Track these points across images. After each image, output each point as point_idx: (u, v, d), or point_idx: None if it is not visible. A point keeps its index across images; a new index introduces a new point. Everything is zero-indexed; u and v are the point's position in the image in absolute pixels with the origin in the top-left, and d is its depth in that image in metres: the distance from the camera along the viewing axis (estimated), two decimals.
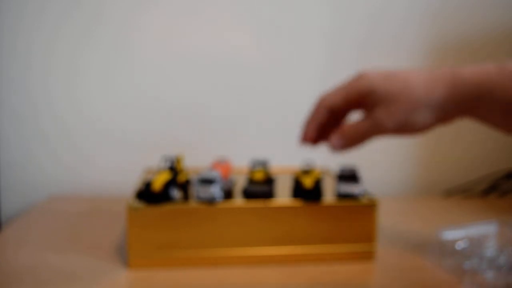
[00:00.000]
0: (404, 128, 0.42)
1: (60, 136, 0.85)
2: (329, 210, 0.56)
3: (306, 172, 0.62)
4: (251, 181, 0.59)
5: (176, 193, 0.56)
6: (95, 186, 0.86)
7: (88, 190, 0.86)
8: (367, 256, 0.57)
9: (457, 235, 0.61)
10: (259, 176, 0.60)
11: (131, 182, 0.79)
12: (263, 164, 0.65)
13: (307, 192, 0.56)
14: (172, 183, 0.56)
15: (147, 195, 0.54)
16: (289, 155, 0.80)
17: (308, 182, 0.57)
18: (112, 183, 0.86)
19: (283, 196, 0.58)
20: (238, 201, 0.56)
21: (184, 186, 0.60)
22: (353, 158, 0.85)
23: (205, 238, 0.54)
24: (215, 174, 0.56)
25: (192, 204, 0.54)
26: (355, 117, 0.46)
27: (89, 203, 0.79)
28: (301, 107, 0.83)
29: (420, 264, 0.57)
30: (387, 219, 0.68)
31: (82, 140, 0.86)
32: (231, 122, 0.88)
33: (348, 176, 0.58)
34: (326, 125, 0.47)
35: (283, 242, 0.56)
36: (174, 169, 0.61)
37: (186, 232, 0.54)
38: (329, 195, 0.59)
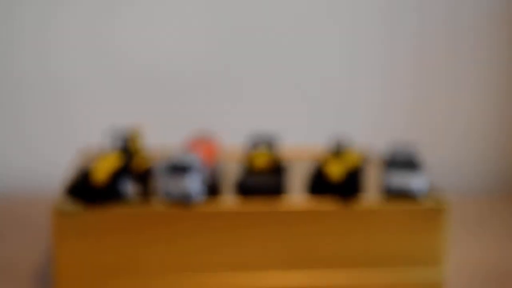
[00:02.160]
0: None
1: None
2: (371, 216, 0.49)
3: (336, 155, 0.54)
4: (250, 170, 0.52)
5: (130, 188, 0.49)
6: (2, 181, 0.77)
7: None
8: (432, 287, 0.50)
9: None
10: (261, 161, 0.52)
11: (59, 171, 0.67)
12: (269, 143, 0.56)
13: (334, 187, 0.49)
14: (123, 172, 0.49)
15: (85, 191, 0.47)
16: (310, 128, 0.74)
17: (336, 171, 0.50)
18: (30, 175, 0.76)
19: (299, 193, 0.51)
20: (229, 201, 0.49)
21: (143, 178, 0.53)
22: (411, 134, 0.78)
23: (176, 259, 0.48)
24: (192, 158, 0.49)
25: (156, 205, 0.48)
26: None
27: None
28: (324, 56, 0.79)
29: None
30: (462, 231, 0.61)
31: None
32: (221, 76, 0.78)
33: (403, 162, 0.51)
34: None
35: (299, 265, 0.49)
36: (127, 151, 0.53)
37: (146, 249, 0.48)
38: (372, 193, 0.52)
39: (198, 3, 0.77)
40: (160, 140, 0.64)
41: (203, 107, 0.76)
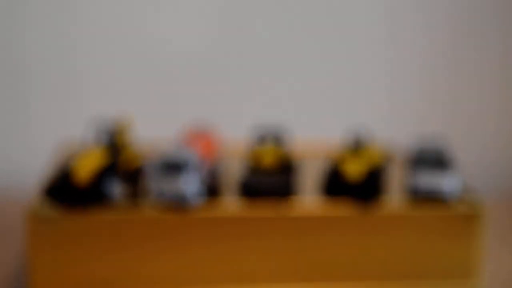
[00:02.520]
0: None
1: None
2: (395, 222, 0.47)
3: (354, 152, 0.51)
4: (255, 168, 0.49)
5: (116, 189, 0.47)
6: None
7: None
8: None
9: None
10: (268, 158, 0.50)
11: (35, 169, 0.64)
12: (277, 137, 0.54)
13: (353, 188, 0.47)
14: (109, 171, 0.47)
15: (65, 193, 0.44)
16: (324, 120, 0.71)
17: (354, 170, 0.48)
18: (1, 172, 0.74)
19: (311, 196, 0.49)
20: (231, 204, 0.47)
21: (132, 177, 0.50)
22: (440, 128, 0.75)
23: (170, 270, 0.45)
24: (188, 154, 0.47)
25: (147, 209, 0.45)
26: None
27: None
28: (341, 40, 0.78)
29: None
30: (500, 239, 0.57)
31: None
32: (222, 60, 0.74)
33: (432, 160, 0.49)
34: None
35: (312, 278, 0.47)
36: (113, 146, 0.51)
37: (135, 260, 0.45)
38: (396, 195, 0.50)
39: None
40: (152, 134, 0.60)
41: (201, 94, 0.73)
